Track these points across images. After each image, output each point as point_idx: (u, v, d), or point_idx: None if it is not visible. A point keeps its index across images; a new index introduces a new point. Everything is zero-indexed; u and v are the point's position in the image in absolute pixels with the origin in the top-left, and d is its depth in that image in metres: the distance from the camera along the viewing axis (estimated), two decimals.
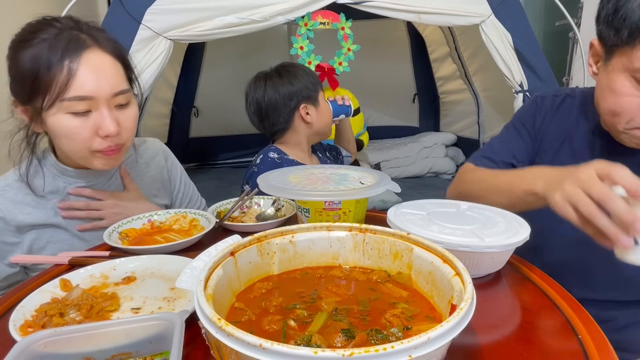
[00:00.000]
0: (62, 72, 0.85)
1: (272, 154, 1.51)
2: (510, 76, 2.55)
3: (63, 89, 0.85)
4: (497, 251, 0.72)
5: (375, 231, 0.67)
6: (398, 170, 3.86)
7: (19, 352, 0.47)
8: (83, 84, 0.86)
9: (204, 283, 0.51)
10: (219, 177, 4.12)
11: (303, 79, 1.54)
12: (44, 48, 0.85)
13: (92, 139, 0.91)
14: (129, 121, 0.96)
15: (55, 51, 0.85)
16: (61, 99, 0.85)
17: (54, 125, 0.89)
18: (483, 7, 2.52)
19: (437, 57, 4.19)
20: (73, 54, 0.86)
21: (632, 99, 0.80)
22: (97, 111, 0.89)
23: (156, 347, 0.54)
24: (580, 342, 0.58)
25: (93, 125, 0.90)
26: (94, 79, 0.87)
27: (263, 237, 0.65)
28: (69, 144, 0.92)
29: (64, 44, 0.86)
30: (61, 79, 0.85)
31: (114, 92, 0.90)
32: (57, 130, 0.90)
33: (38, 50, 0.86)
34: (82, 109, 0.88)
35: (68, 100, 0.86)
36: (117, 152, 0.96)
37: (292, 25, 2.79)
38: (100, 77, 0.88)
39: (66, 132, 0.89)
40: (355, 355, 0.37)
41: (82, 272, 0.78)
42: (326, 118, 1.59)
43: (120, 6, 2.21)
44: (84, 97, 0.87)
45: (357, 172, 1.03)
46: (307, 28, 2.47)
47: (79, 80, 0.86)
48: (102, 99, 0.89)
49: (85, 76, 0.87)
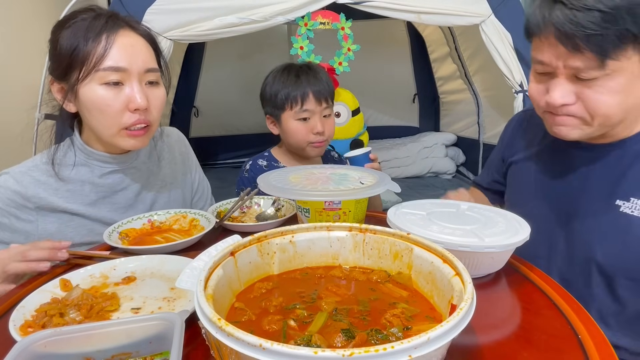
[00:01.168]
0: (99, 44, 0.92)
1: (261, 162, 1.44)
2: (510, 76, 2.55)
3: (100, 59, 0.91)
4: (497, 251, 0.72)
5: (375, 231, 0.67)
6: (398, 170, 3.86)
7: (19, 352, 0.47)
8: (118, 56, 0.92)
9: (204, 283, 0.51)
10: (219, 177, 4.11)
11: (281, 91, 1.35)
12: (83, 25, 0.93)
13: (122, 113, 0.95)
14: (157, 100, 1.00)
15: (94, 27, 0.93)
16: (97, 69, 0.91)
17: (86, 97, 0.93)
18: (483, 7, 2.52)
19: (437, 57, 4.19)
20: (110, 30, 0.93)
21: (535, 86, 0.89)
22: (128, 85, 0.94)
23: (156, 347, 0.54)
24: (580, 342, 0.58)
25: (124, 98, 0.94)
26: (128, 52, 0.94)
27: (263, 237, 0.65)
28: (100, 118, 0.95)
29: (103, 21, 0.94)
30: (98, 50, 0.91)
31: (145, 67, 0.96)
32: (90, 103, 0.94)
33: (77, 28, 0.93)
34: (115, 80, 0.93)
35: (103, 70, 0.91)
36: (143, 132, 0.99)
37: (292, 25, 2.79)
38: (134, 52, 0.95)
39: (99, 104, 0.93)
40: (355, 355, 0.37)
41: (82, 272, 0.78)
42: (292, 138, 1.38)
43: (120, 6, 2.21)
44: (118, 67, 0.92)
45: (357, 172, 1.03)
46: (307, 28, 2.47)
47: (114, 52, 0.92)
48: (134, 72, 0.94)
49: (120, 49, 0.93)
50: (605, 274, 0.89)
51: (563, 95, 0.82)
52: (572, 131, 0.87)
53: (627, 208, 0.86)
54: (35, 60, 2.46)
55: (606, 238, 0.88)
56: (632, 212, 0.86)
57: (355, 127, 3.21)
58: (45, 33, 1.03)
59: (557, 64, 0.81)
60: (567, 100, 0.82)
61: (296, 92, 1.33)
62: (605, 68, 0.77)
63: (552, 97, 0.83)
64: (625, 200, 0.87)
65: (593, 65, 0.77)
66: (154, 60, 1.00)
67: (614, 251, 0.87)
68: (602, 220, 0.89)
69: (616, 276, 0.88)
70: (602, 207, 0.89)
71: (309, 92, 1.33)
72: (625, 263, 0.86)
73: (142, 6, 2.23)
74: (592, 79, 0.78)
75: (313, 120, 1.35)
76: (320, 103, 1.35)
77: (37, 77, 2.35)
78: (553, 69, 0.82)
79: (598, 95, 0.79)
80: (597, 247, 0.89)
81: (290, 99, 1.34)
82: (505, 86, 2.67)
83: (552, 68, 0.83)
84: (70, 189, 1.02)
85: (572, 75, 0.81)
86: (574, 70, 0.79)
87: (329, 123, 1.39)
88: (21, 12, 2.70)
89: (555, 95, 0.83)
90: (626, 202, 0.86)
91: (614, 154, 0.90)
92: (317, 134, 1.35)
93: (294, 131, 1.36)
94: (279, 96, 1.36)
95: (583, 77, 0.79)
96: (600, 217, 0.90)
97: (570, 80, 0.82)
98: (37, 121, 2.30)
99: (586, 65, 0.77)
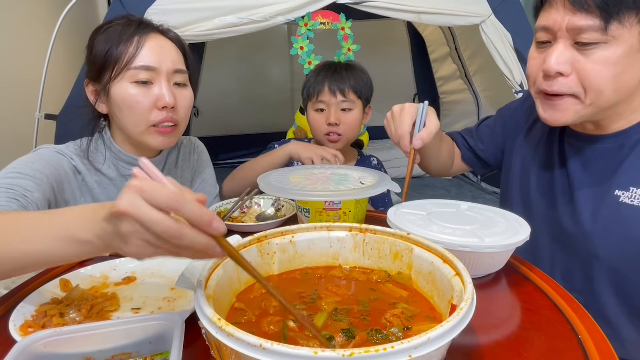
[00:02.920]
0: (131, 45, 0.98)
1: None
2: (510, 76, 2.55)
3: (131, 58, 0.97)
4: (497, 251, 0.72)
5: (375, 231, 0.67)
6: (398, 170, 3.86)
7: (19, 352, 0.47)
8: (148, 56, 0.98)
9: (204, 283, 0.51)
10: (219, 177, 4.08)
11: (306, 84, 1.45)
12: (117, 30, 1.00)
13: (151, 111, 0.99)
14: (185, 100, 1.05)
15: (126, 31, 0.99)
16: (128, 67, 0.97)
17: (117, 95, 0.98)
18: (483, 7, 2.52)
19: (437, 57, 4.19)
20: (142, 33, 1.00)
21: (533, 61, 0.88)
22: (157, 84, 0.99)
23: (156, 347, 0.54)
24: (580, 342, 0.58)
25: (153, 97, 0.99)
26: (157, 52, 1.00)
27: (263, 237, 0.65)
28: (129, 115, 0.99)
29: (135, 26, 1.01)
30: (130, 51, 0.97)
31: (174, 68, 1.01)
32: (120, 100, 0.98)
33: (112, 32, 1.00)
34: (144, 78, 0.98)
35: (134, 69, 0.97)
36: (171, 130, 1.03)
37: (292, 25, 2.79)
38: (163, 53, 1.00)
39: (129, 102, 0.98)
40: (355, 355, 0.37)
41: (82, 272, 0.78)
42: (312, 129, 1.46)
43: (120, 6, 2.21)
44: (148, 67, 0.98)
45: (357, 172, 1.04)
46: (307, 28, 2.47)
47: (145, 52, 0.98)
48: (163, 72, 0.99)
49: (151, 50, 0.99)
50: (607, 267, 0.87)
51: (559, 61, 0.81)
52: (563, 114, 0.85)
53: (627, 198, 0.85)
54: (35, 60, 2.46)
55: (606, 229, 0.87)
56: (631, 202, 0.84)
57: None
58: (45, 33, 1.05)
59: (560, 25, 0.80)
60: (562, 68, 0.81)
61: (315, 84, 1.42)
62: (607, 31, 0.76)
63: (548, 63, 0.82)
64: (625, 190, 0.85)
65: (596, 26, 0.76)
66: (182, 62, 1.05)
67: (615, 243, 0.86)
68: (602, 211, 0.88)
69: (618, 269, 0.86)
70: (601, 198, 0.88)
71: (325, 84, 1.40)
72: (628, 254, 0.85)
73: (142, 6, 2.23)
74: (591, 44, 0.78)
75: (328, 111, 1.40)
76: (335, 95, 1.39)
77: (38, 77, 2.35)
78: (555, 33, 0.82)
79: (593, 65, 0.79)
80: (597, 239, 0.88)
81: (309, 89, 1.44)
82: (505, 86, 2.67)
83: (554, 32, 0.82)
84: (98, 180, 1.06)
85: (572, 42, 0.80)
86: (576, 31, 0.78)
87: (346, 117, 1.41)
88: (21, 12, 2.70)
89: (551, 60, 0.81)
90: (625, 192, 0.85)
91: (612, 145, 0.89)
92: (331, 124, 1.39)
93: (311, 121, 1.45)
94: (304, 89, 1.47)
95: (583, 40, 0.78)
96: (599, 208, 0.88)
97: (569, 47, 0.81)
98: (37, 121, 2.30)
99: (589, 25, 0.77)
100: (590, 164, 0.92)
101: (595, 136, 0.91)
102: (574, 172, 0.94)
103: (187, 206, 0.44)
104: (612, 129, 0.89)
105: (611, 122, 0.88)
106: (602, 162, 0.90)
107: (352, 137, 1.46)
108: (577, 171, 0.93)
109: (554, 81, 0.83)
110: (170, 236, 0.45)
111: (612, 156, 0.89)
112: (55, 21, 2.31)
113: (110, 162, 1.07)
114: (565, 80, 0.82)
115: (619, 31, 0.76)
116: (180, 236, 0.45)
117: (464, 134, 1.30)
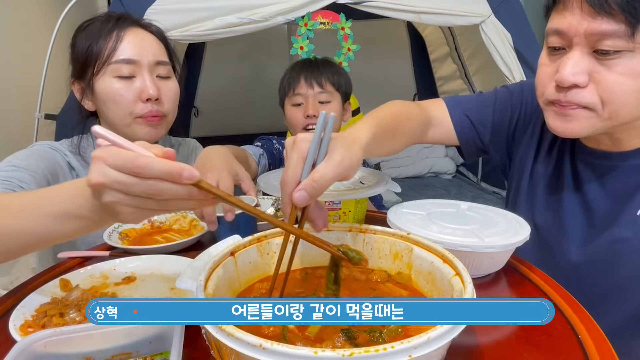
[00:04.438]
0: (111, 39, 0.98)
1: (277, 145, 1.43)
2: (510, 76, 2.55)
3: (111, 52, 0.98)
4: (497, 251, 0.72)
5: (375, 231, 0.67)
6: (398, 170, 3.86)
7: (19, 352, 0.47)
8: (128, 49, 0.99)
9: (204, 283, 0.51)
10: None
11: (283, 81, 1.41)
12: (97, 26, 1.01)
13: (135, 103, 1.00)
14: (170, 92, 1.05)
15: (106, 26, 1.00)
16: (109, 62, 0.98)
17: (101, 90, 0.99)
18: (483, 7, 2.52)
19: (437, 57, 4.19)
20: (121, 26, 1.00)
21: (544, 69, 0.78)
22: (139, 77, 1.00)
23: (156, 347, 0.54)
24: (580, 342, 0.58)
25: (137, 90, 1.00)
26: (138, 45, 1.00)
27: (263, 237, 0.65)
28: (115, 109, 1.00)
29: (114, 20, 1.01)
30: (110, 45, 0.98)
31: (155, 59, 1.02)
32: (104, 95, 0.99)
33: (92, 29, 1.01)
34: (127, 73, 0.99)
35: (115, 63, 0.98)
36: (158, 120, 1.03)
37: (292, 25, 2.78)
38: (144, 46, 1.01)
39: (113, 96, 0.99)
40: (355, 355, 0.37)
41: (82, 272, 0.78)
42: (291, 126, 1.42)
43: (120, 6, 2.22)
44: (129, 60, 0.98)
45: (357, 172, 1.03)
46: (307, 28, 2.47)
47: (125, 45, 0.99)
48: (144, 64, 1.00)
49: (131, 42, 1.00)
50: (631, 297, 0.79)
51: (575, 71, 0.70)
52: (576, 124, 0.75)
53: None
54: (35, 61, 2.46)
55: (630, 254, 0.78)
56: None
57: None
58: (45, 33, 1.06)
59: (577, 30, 0.69)
60: (578, 79, 0.70)
61: (290, 79, 1.37)
62: (634, 38, 0.65)
63: (562, 73, 0.71)
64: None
65: (620, 32, 0.65)
66: (164, 54, 1.05)
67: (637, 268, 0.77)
68: (623, 232, 0.79)
69: None
70: (623, 220, 0.79)
71: (301, 77, 1.35)
72: None
73: (142, 6, 2.23)
74: (614, 53, 0.67)
75: (306, 104, 1.35)
76: (312, 87, 1.34)
77: (38, 77, 2.35)
78: (570, 39, 0.71)
79: (616, 76, 0.68)
80: (618, 265, 0.79)
81: (285, 86, 1.38)
82: None
83: (569, 38, 0.71)
84: None
85: (591, 49, 0.70)
86: (596, 37, 0.68)
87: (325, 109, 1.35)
88: (21, 12, 2.70)
89: (565, 70, 0.70)
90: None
91: (633, 163, 0.80)
92: (309, 117, 1.34)
93: (289, 117, 1.39)
94: (280, 87, 1.41)
95: (604, 49, 0.68)
96: (621, 232, 0.79)
97: (587, 56, 0.70)
98: (37, 121, 2.31)
99: (613, 31, 0.66)
100: (609, 183, 0.82)
101: (612, 153, 0.82)
102: (591, 193, 0.84)
103: (152, 164, 0.45)
104: (631, 146, 0.80)
105: (630, 137, 0.79)
106: (621, 180, 0.81)
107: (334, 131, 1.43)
108: (593, 190, 0.84)
109: (568, 92, 0.73)
110: (151, 194, 0.46)
111: (632, 175, 0.80)
112: (55, 21, 2.31)
113: None
114: (581, 92, 0.72)
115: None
116: (160, 191, 0.46)
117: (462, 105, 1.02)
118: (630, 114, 0.73)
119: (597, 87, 0.71)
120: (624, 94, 0.70)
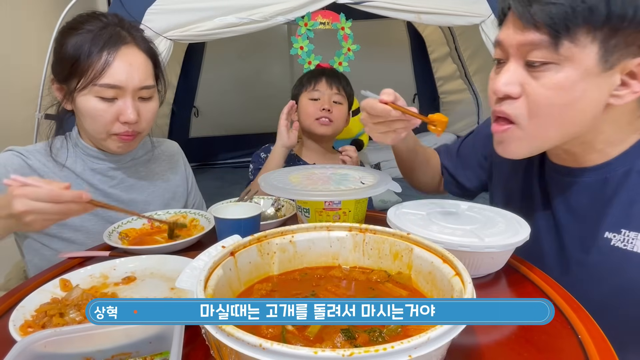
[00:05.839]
0: (99, 60, 0.96)
1: (263, 155, 1.55)
2: None
3: (97, 75, 0.96)
4: (497, 251, 0.72)
5: (375, 231, 0.67)
6: (398, 170, 3.86)
7: (19, 352, 0.47)
8: (115, 74, 0.97)
9: (204, 283, 0.51)
10: (219, 177, 4.12)
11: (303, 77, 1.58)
12: (88, 38, 0.97)
13: (113, 123, 1.00)
14: (148, 113, 1.05)
15: (97, 42, 0.97)
16: (94, 83, 0.96)
17: (82, 106, 0.99)
18: (483, 7, 2.52)
19: (437, 57, 4.19)
20: (112, 46, 0.97)
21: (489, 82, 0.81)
22: (122, 99, 0.99)
23: (156, 347, 0.54)
24: (580, 342, 0.58)
25: (116, 111, 0.99)
26: (126, 71, 0.98)
27: (263, 237, 0.65)
28: (92, 124, 1.00)
29: (106, 37, 0.98)
30: (97, 67, 0.96)
31: (140, 85, 1.00)
32: (84, 111, 0.99)
33: (82, 39, 0.97)
34: (109, 96, 0.97)
35: (100, 86, 0.96)
36: (131, 138, 1.03)
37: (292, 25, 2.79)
38: (131, 71, 0.98)
39: (92, 114, 0.98)
40: (355, 355, 0.37)
41: (82, 272, 0.78)
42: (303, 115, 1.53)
43: (120, 6, 2.21)
44: (114, 85, 0.97)
45: (358, 172, 1.04)
46: (307, 28, 2.47)
47: (113, 71, 0.96)
48: (129, 89, 0.98)
49: (119, 67, 0.97)
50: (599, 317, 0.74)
51: (507, 81, 0.73)
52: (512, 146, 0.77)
53: (619, 241, 0.75)
54: (35, 60, 2.46)
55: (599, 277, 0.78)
56: (624, 246, 0.74)
57: (356, 127, 3.20)
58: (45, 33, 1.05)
59: (511, 42, 0.73)
60: (510, 90, 0.73)
61: (312, 77, 1.56)
62: (557, 49, 0.68)
63: (496, 84, 0.74)
64: (616, 232, 0.76)
65: (545, 42, 0.68)
66: (150, 77, 1.04)
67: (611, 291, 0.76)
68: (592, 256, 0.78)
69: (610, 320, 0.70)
70: (591, 242, 0.78)
71: (323, 76, 1.54)
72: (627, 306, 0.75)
73: (142, 6, 2.23)
74: (541, 65, 0.70)
75: (322, 99, 1.51)
76: (330, 87, 1.52)
77: (38, 77, 2.35)
78: (507, 50, 0.74)
79: (542, 89, 0.70)
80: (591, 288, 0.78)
81: (305, 81, 1.56)
82: None
83: (506, 49, 0.74)
84: (64, 176, 1.06)
85: (523, 61, 0.72)
86: (526, 48, 0.71)
87: (337, 108, 1.52)
88: (21, 12, 2.70)
89: (499, 81, 0.74)
90: (617, 235, 0.75)
91: (594, 179, 0.79)
92: (325, 109, 1.49)
93: (304, 107, 1.53)
94: (298, 82, 1.60)
95: (532, 59, 0.70)
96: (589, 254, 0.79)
97: (520, 68, 0.73)
98: (37, 121, 2.30)
99: (539, 41, 0.68)
100: (573, 200, 0.82)
101: (574, 169, 0.82)
102: (558, 209, 0.85)
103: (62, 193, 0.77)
104: (589, 161, 0.80)
105: (584, 152, 0.79)
106: (586, 198, 0.81)
107: (339, 130, 1.57)
108: (560, 208, 0.84)
109: (503, 103, 0.75)
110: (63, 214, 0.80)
111: (596, 193, 0.79)
112: (55, 21, 2.31)
113: (77, 157, 1.08)
114: (513, 103, 0.74)
115: (571, 51, 0.67)
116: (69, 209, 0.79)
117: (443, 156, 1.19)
118: (557, 129, 0.74)
119: (527, 99, 0.73)
120: (549, 106, 0.71)
